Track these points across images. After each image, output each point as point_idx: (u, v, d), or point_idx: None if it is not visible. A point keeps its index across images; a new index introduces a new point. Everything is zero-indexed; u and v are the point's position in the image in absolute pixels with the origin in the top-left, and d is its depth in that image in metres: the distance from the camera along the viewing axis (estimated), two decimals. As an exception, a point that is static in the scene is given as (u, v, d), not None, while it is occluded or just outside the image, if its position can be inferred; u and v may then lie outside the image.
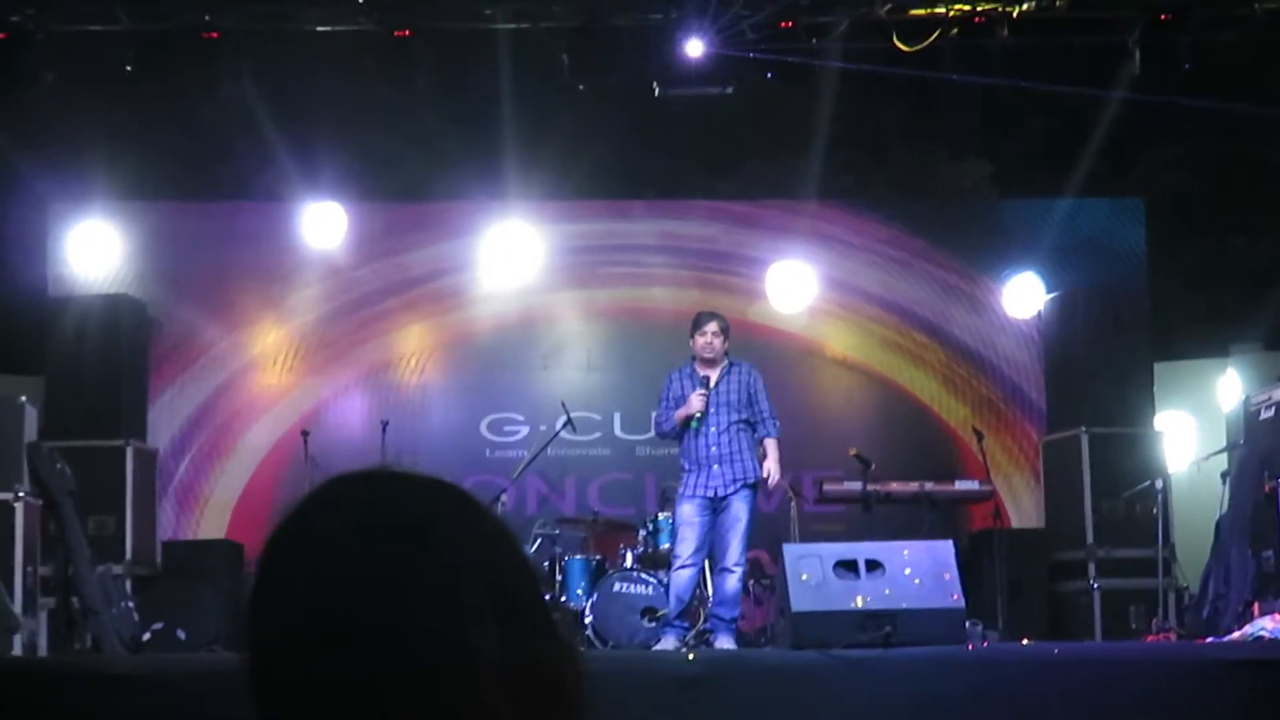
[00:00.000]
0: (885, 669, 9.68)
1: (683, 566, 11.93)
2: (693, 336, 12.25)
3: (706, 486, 11.94)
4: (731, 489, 11.90)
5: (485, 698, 1.75)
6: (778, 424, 12.20)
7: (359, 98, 15.36)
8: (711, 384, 12.06)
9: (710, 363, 12.15)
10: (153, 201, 16.30)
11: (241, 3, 14.36)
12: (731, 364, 12.23)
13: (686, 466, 12.12)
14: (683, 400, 12.04)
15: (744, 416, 12.08)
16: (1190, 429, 15.99)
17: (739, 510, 11.86)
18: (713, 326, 12.19)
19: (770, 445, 12.14)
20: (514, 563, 1.86)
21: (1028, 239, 16.28)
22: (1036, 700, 9.46)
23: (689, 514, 11.99)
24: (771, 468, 12.08)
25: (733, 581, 11.82)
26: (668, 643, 11.83)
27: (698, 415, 11.95)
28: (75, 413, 14.38)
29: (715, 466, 11.94)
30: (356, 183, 16.00)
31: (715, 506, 11.95)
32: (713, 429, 12.00)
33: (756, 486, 12.05)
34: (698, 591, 12.54)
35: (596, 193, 16.86)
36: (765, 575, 13.77)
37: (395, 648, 1.74)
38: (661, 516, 13.52)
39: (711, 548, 12.18)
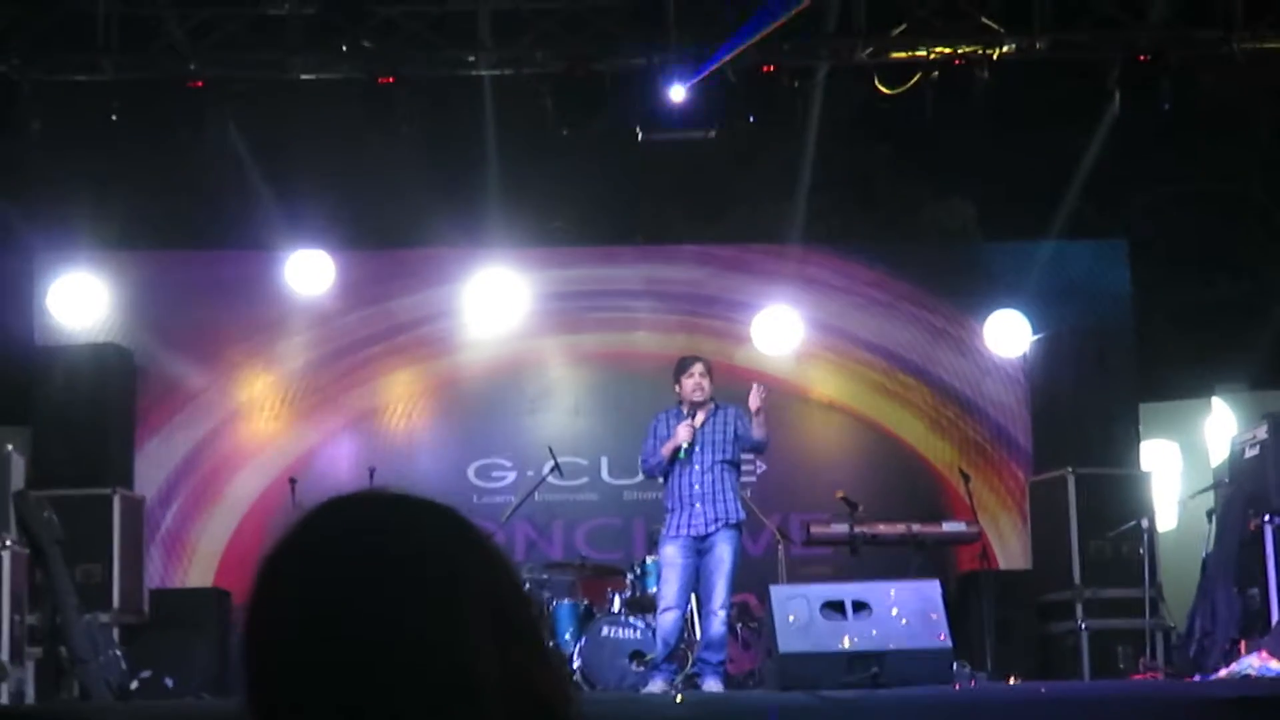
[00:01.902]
0: (873, 710, 9.69)
1: (667, 609, 11.93)
2: (679, 380, 12.27)
3: (689, 526, 11.96)
4: (713, 528, 11.91)
5: (482, 718, 1.76)
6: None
7: (343, 145, 15.38)
8: (698, 424, 12.10)
9: (699, 404, 12.18)
10: (139, 251, 16.31)
11: (226, 52, 14.40)
12: (718, 406, 12.27)
13: (669, 506, 12.15)
14: (669, 438, 12.08)
15: (729, 457, 12.11)
16: (1176, 468, 16.01)
17: (723, 552, 11.87)
18: (699, 368, 12.24)
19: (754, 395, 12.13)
20: (511, 586, 1.86)
21: (1013, 281, 16.32)
22: (1024, 740, 9.48)
23: (672, 555, 12.00)
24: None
25: (718, 624, 11.81)
26: (655, 686, 11.83)
27: (684, 447, 11.98)
28: (62, 461, 14.35)
29: (698, 505, 11.96)
30: (342, 230, 16.02)
31: (698, 547, 11.96)
32: (697, 467, 12.03)
33: (740, 527, 12.07)
34: (685, 634, 12.55)
35: (581, 238, 16.88)
36: (753, 618, 13.77)
37: (396, 669, 1.73)
38: (649, 560, 13.51)
39: (697, 590, 12.20)
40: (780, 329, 16.03)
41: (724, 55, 13.88)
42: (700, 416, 12.16)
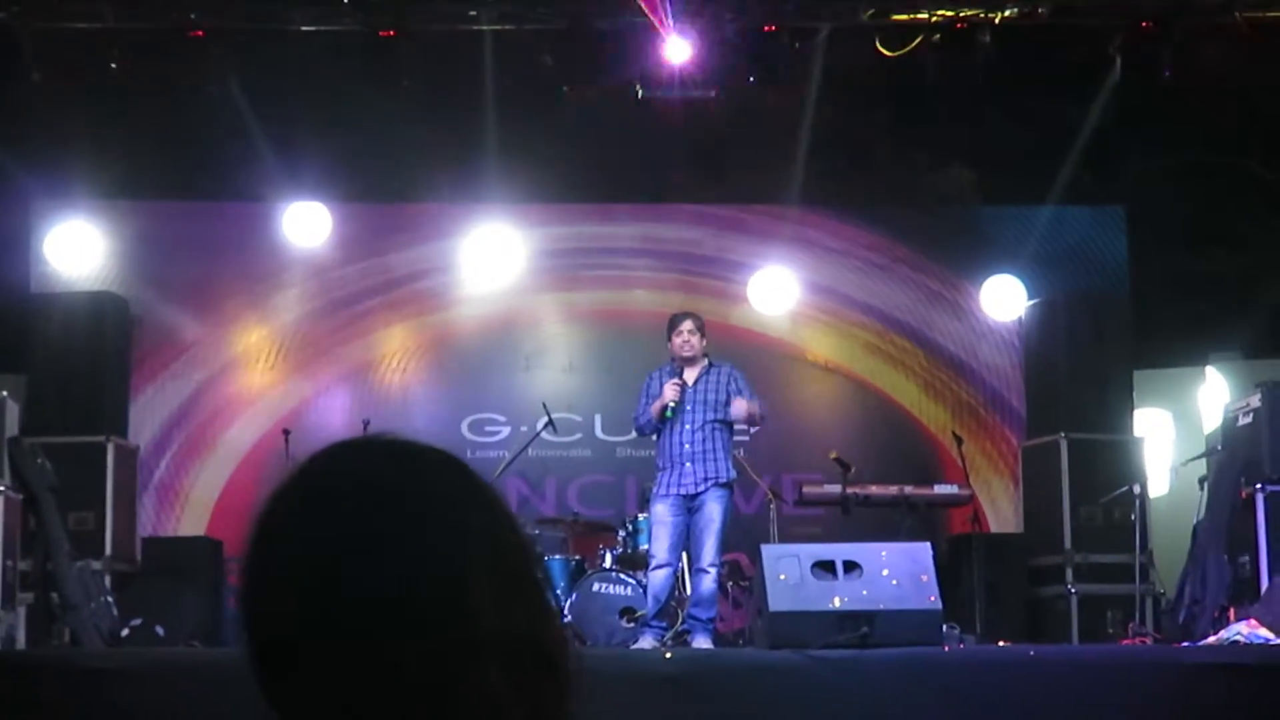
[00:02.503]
0: (862, 669, 9.71)
1: (659, 566, 11.96)
2: (670, 338, 12.31)
3: (679, 484, 11.98)
4: (703, 487, 11.94)
5: (484, 667, 1.76)
6: (760, 402, 12.26)
7: (343, 98, 15.33)
8: (690, 383, 12.12)
9: (690, 361, 12.20)
10: (137, 200, 16.28)
11: (227, 2, 14.36)
12: (712, 365, 12.29)
13: (660, 465, 12.18)
14: (660, 396, 12.11)
15: (720, 417, 12.13)
16: (1169, 435, 16.04)
17: (712, 510, 11.90)
18: (688, 325, 12.26)
19: (740, 401, 12.17)
20: (512, 534, 1.86)
21: (1010, 245, 16.34)
22: (1012, 701, 9.50)
23: (662, 513, 12.03)
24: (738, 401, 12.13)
25: (708, 582, 11.84)
26: (645, 642, 11.85)
27: (671, 406, 12.00)
28: (57, 409, 14.37)
29: (688, 464, 11.98)
30: (340, 183, 15.98)
31: (689, 505, 11.99)
32: (687, 426, 12.05)
33: (730, 486, 12.09)
34: (676, 592, 12.57)
35: (579, 196, 16.85)
36: (744, 577, 13.79)
37: (393, 620, 1.74)
38: (641, 517, 13.53)
39: (687, 548, 12.23)
40: (776, 290, 16.05)
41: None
42: (692, 374, 12.18)
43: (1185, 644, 11.47)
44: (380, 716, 1.75)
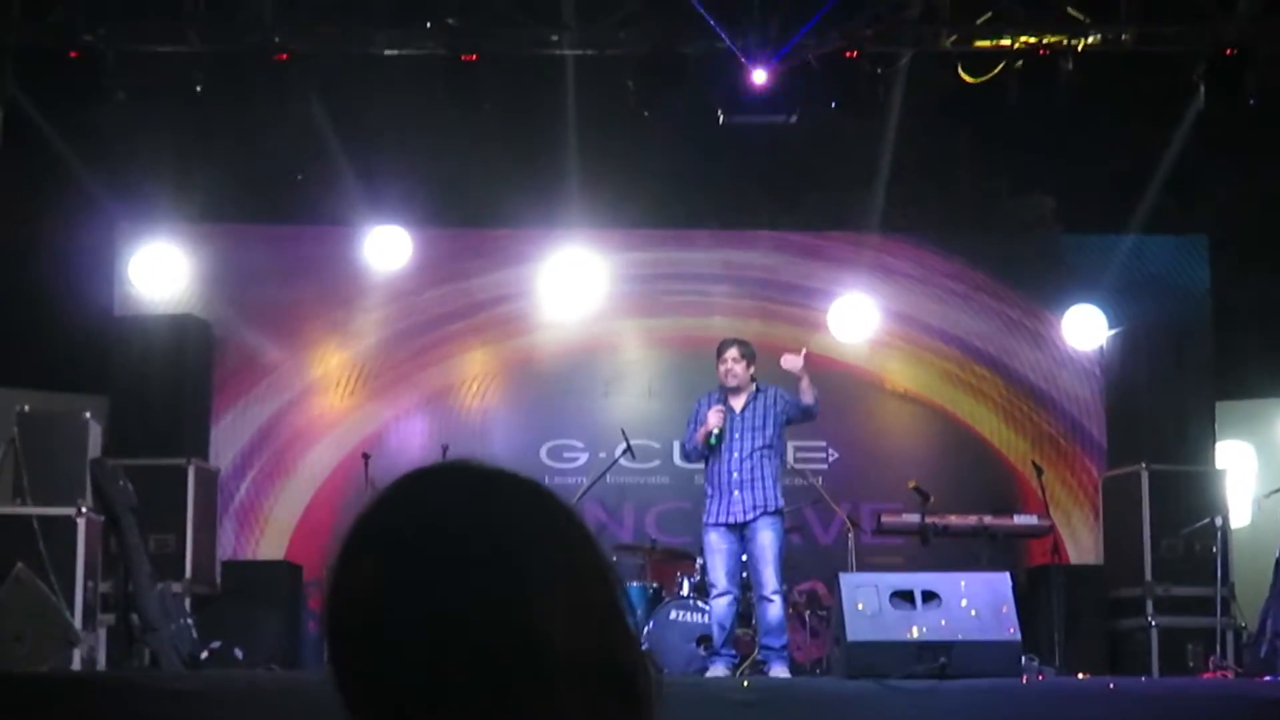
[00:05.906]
0: (939, 700, 9.69)
1: (720, 594, 11.98)
2: (716, 365, 12.33)
3: (728, 513, 11.97)
4: (752, 515, 11.92)
5: (556, 694, 1.77)
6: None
7: (425, 122, 15.38)
8: (738, 409, 12.09)
9: (735, 390, 12.17)
10: (219, 223, 16.38)
11: (311, 25, 14.43)
12: (759, 389, 12.25)
13: (709, 492, 12.17)
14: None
15: (768, 443, 12.08)
16: (1251, 467, 15.91)
17: (765, 539, 11.88)
18: (732, 353, 12.24)
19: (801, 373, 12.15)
20: (588, 559, 1.87)
21: (1091, 274, 16.24)
22: (1091, 734, 9.45)
23: (715, 542, 12.04)
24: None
25: (774, 610, 11.81)
26: (717, 670, 11.84)
27: (715, 433, 11.97)
28: (138, 431, 14.47)
29: (736, 492, 11.96)
30: (421, 207, 16.04)
31: (740, 534, 11.97)
32: (735, 454, 12.02)
33: (780, 514, 12.05)
34: (753, 620, 12.55)
35: (660, 221, 16.85)
36: (822, 606, 13.75)
37: (466, 645, 1.76)
38: (720, 546, 13.50)
39: (748, 578, 12.23)
40: (856, 317, 15.98)
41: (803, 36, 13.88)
42: (739, 401, 12.16)
43: (1266, 678, 11.38)
44: None
